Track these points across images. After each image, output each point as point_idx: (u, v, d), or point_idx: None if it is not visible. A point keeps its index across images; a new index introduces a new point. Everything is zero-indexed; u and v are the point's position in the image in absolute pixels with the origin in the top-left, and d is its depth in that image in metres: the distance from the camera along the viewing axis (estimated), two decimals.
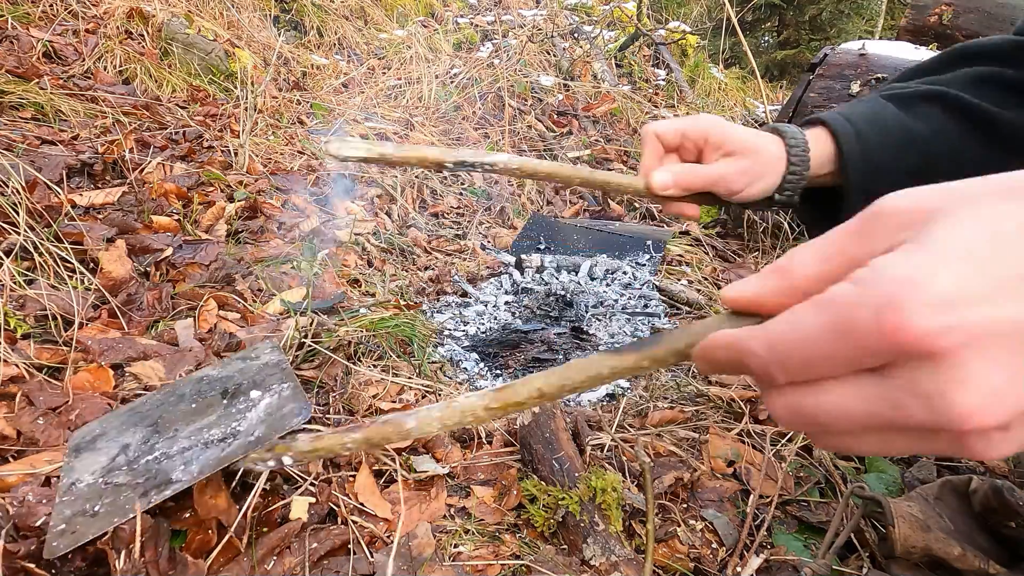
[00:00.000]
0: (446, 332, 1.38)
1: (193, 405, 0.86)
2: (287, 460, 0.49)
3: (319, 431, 0.56)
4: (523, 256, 1.78)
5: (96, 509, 0.69)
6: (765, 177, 0.70)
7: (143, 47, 2.28)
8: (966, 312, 0.23)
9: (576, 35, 4.11)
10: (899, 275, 0.24)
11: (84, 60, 2.07)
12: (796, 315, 0.27)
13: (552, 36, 3.88)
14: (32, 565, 0.66)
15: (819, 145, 0.71)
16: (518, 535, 0.82)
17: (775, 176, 0.70)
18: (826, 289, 0.26)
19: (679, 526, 0.86)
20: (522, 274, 1.74)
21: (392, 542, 0.77)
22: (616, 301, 1.63)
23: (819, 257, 0.29)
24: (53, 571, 0.66)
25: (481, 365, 1.27)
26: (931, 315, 0.22)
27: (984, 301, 0.23)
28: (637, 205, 2.36)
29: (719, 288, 1.72)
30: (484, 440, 0.99)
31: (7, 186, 1.15)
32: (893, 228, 0.26)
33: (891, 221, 0.27)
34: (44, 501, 0.72)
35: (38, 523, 0.70)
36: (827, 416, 0.27)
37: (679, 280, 1.79)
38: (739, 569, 0.79)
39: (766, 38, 7.99)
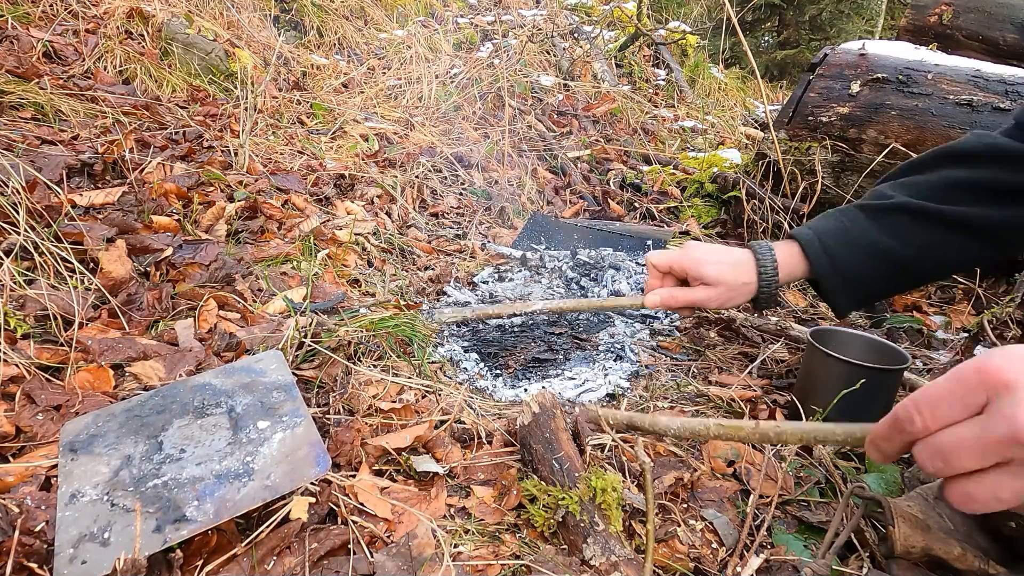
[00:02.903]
0: (445, 332, 1.38)
1: (198, 421, 0.85)
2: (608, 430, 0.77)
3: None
4: (526, 254, 1.78)
5: (106, 537, 0.68)
6: (735, 299, 0.91)
7: (143, 47, 2.28)
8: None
9: (576, 35, 4.11)
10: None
11: (84, 60, 2.07)
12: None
13: (552, 36, 3.88)
14: (34, 566, 0.66)
15: (792, 259, 0.89)
16: (518, 535, 0.82)
17: (744, 296, 0.92)
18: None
19: (679, 526, 0.86)
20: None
21: (392, 542, 0.77)
22: None
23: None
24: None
25: (481, 365, 1.27)
26: (1007, 362, 0.39)
27: None
28: (637, 205, 2.36)
29: None
30: (484, 440, 0.99)
31: (7, 186, 1.15)
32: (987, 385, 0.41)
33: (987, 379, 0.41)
34: (43, 507, 0.72)
35: (37, 528, 0.69)
36: (950, 447, 0.41)
37: None
38: (739, 569, 0.79)
39: (766, 38, 8.00)
